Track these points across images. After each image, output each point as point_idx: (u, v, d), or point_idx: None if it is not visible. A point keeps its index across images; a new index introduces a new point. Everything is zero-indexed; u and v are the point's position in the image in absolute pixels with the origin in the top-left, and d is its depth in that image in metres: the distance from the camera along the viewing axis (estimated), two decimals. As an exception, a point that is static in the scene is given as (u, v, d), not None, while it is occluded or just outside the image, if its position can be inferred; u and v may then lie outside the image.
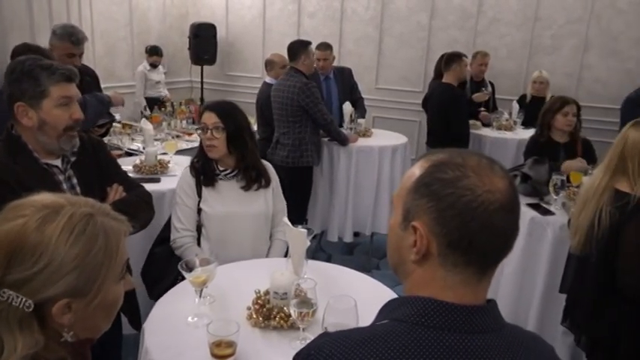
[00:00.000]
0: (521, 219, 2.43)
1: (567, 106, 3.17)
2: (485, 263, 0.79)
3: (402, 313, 0.78)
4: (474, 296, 0.79)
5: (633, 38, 5.06)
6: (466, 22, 5.64)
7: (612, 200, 1.96)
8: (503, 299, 2.85)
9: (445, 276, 0.78)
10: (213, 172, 2.24)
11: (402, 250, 0.82)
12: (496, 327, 0.78)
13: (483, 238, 0.75)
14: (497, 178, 0.77)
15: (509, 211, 0.76)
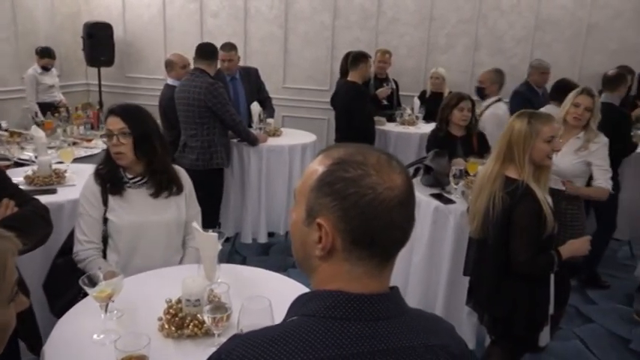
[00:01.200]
0: (426, 208, 2.57)
1: (463, 102, 3.38)
2: (387, 254, 0.82)
3: (311, 307, 0.80)
4: (378, 285, 0.82)
5: (516, 37, 5.52)
6: (367, 22, 5.82)
7: (503, 186, 2.11)
8: (414, 286, 2.99)
9: (350, 269, 0.81)
10: (120, 179, 2.12)
11: (306, 245, 0.83)
12: (399, 312, 0.82)
13: (385, 233, 0.79)
14: (396, 175, 0.80)
15: (406, 206, 0.80)
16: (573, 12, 5.35)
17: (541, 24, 5.44)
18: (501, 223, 2.10)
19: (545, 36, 5.45)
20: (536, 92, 4.85)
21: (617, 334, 3.37)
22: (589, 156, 2.81)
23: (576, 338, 3.30)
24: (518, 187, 2.08)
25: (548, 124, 2.16)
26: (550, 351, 3.09)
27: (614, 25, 5.29)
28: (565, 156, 2.80)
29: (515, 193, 2.07)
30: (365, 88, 4.61)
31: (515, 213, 2.06)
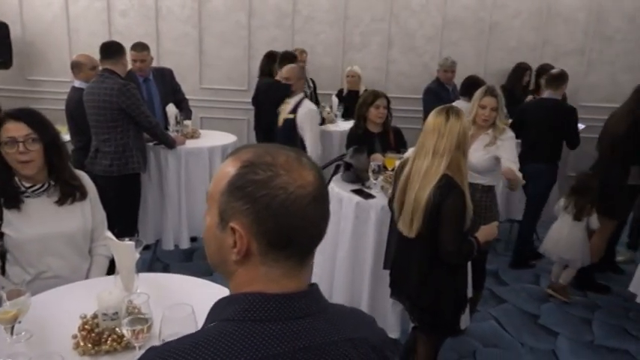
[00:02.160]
0: (348, 204, 2.60)
1: (378, 99, 3.47)
2: (305, 253, 0.83)
3: (229, 312, 0.79)
4: (297, 284, 0.82)
5: (426, 36, 5.77)
6: (283, 21, 5.83)
7: (437, 181, 2.16)
8: (340, 281, 3.04)
9: (268, 272, 0.80)
10: (16, 190, 1.96)
11: (222, 250, 0.82)
12: (319, 309, 0.82)
13: (300, 232, 0.79)
14: (307, 172, 0.80)
15: (320, 202, 0.81)
16: (476, 12, 5.68)
17: (448, 23, 5.72)
18: (430, 216, 2.17)
19: (453, 35, 5.74)
20: (446, 88, 5.11)
21: (528, 312, 3.63)
22: (497, 150, 2.99)
23: (492, 318, 3.52)
24: (447, 182, 2.15)
25: (465, 118, 2.27)
26: (469, 333, 3.27)
27: (513, 25, 5.68)
28: (476, 151, 2.97)
29: (445, 187, 2.14)
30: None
31: (445, 205, 2.13)
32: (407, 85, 5.78)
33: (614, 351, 3.19)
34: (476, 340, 3.25)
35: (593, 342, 3.30)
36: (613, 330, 3.42)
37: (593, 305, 3.71)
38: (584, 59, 5.64)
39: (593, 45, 5.63)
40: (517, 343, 3.25)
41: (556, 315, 3.60)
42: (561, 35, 5.66)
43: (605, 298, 3.80)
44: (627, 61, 5.55)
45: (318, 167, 0.84)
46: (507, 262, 4.35)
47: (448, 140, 2.15)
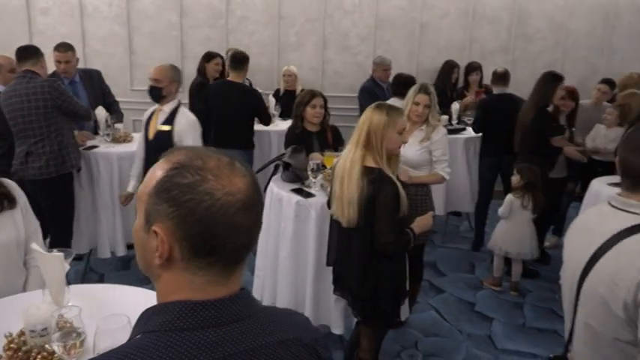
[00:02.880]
0: (288, 204, 2.60)
1: (314, 99, 3.49)
2: (232, 261, 0.80)
3: (155, 322, 0.76)
4: (225, 290, 0.80)
5: (360, 35, 5.86)
6: (217, 21, 5.73)
7: (365, 174, 2.24)
8: (283, 281, 3.03)
9: (192, 279, 0.78)
10: None
11: (147, 253, 0.80)
12: (248, 313, 0.81)
13: (227, 240, 0.77)
14: (238, 178, 0.78)
15: (250, 209, 0.78)
16: (407, 12, 5.84)
17: (380, 23, 5.84)
18: (366, 209, 2.22)
19: (385, 34, 5.87)
20: (381, 87, 5.22)
21: (465, 300, 3.78)
22: (431, 146, 3.09)
23: (431, 309, 3.63)
24: (377, 175, 2.22)
25: (402, 117, 2.36)
26: (410, 324, 3.37)
27: (442, 25, 5.89)
28: (411, 146, 3.06)
29: (376, 180, 2.21)
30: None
31: (379, 198, 2.20)
32: (342, 84, 5.85)
33: (543, 331, 3.38)
34: (417, 331, 3.34)
35: (525, 324, 3.49)
36: (542, 312, 3.63)
37: (524, 290, 3.92)
38: (508, 57, 5.93)
39: (516, 44, 5.94)
40: (456, 331, 3.37)
41: (490, 301, 3.77)
42: (487, 35, 5.93)
43: (535, 283, 4.03)
44: (547, 58, 5.90)
45: (252, 174, 0.82)
46: (445, 254, 4.51)
47: (376, 134, 2.24)
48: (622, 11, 5.92)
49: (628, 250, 1.24)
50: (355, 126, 2.41)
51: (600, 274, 1.28)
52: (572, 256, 1.44)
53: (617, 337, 1.26)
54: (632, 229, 1.26)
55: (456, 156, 4.45)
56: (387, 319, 2.48)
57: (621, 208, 1.33)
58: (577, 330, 1.40)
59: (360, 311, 2.46)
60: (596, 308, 1.30)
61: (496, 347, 3.22)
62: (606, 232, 1.30)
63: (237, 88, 4.39)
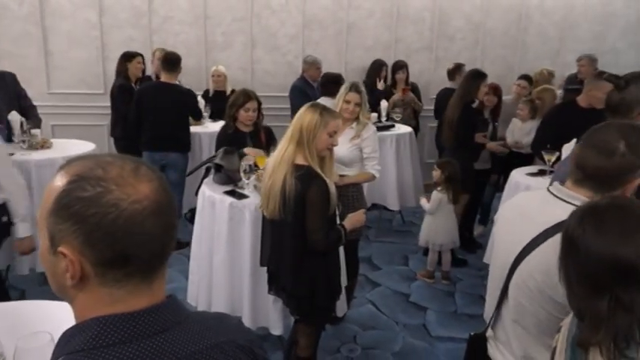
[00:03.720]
0: (221, 206, 2.55)
1: (248, 102, 3.46)
2: (149, 269, 0.77)
3: (78, 342, 0.72)
4: (149, 300, 0.77)
5: (288, 35, 5.87)
6: (139, 20, 5.53)
7: (294, 171, 2.25)
8: (219, 285, 2.97)
9: (110, 293, 0.74)
10: None
11: (57, 276, 0.75)
12: (177, 321, 0.79)
13: (140, 248, 0.73)
14: (144, 184, 0.74)
15: (160, 214, 0.75)
16: (334, 12, 5.92)
17: (308, 23, 5.88)
18: (296, 206, 2.23)
19: (313, 34, 5.92)
20: (312, 86, 5.26)
21: (400, 292, 3.89)
22: (361, 143, 3.15)
23: (369, 302, 3.71)
24: (306, 172, 2.24)
25: (335, 119, 2.37)
26: (348, 319, 3.42)
27: (368, 24, 6.02)
28: (342, 145, 3.10)
29: (305, 177, 2.22)
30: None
31: (309, 195, 2.22)
32: (273, 83, 5.84)
33: (474, 316, 3.54)
34: (355, 325, 3.40)
35: (457, 311, 3.65)
36: (472, 298, 3.81)
37: (455, 278, 4.09)
38: (432, 56, 6.17)
39: (438, 43, 6.19)
40: (392, 322, 3.47)
41: (424, 292, 3.90)
42: (411, 34, 6.13)
43: (464, 271, 4.22)
44: (467, 56, 6.18)
45: (159, 177, 0.78)
46: (380, 248, 4.62)
47: (307, 132, 2.27)
48: (532, 12, 6.33)
49: None
50: (287, 125, 2.42)
51: (537, 261, 1.33)
52: (505, 238, 1.49)
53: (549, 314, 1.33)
54: None
55: (385, 153, 4.56)
56: (323, 316, 2.50)
57: (563, 199, 1.37)
58: (507, 307, 1.47)
59: (297, 309, 2.46)
60: (530, 292, 1.35)
61: (431, 335, 3.34)
62: (546, 220, 1.34)
63: (172, 89, 4.30)
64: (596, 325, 0.99)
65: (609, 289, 0.99)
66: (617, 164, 1.30)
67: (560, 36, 6.45)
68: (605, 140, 1.32)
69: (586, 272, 1.03)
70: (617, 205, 1.06)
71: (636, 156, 1.29)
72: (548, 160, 3.47)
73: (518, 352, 1.45)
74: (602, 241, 1.01)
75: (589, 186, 1.35)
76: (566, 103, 3.94)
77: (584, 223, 1.05)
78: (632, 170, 1.31)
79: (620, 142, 1.29)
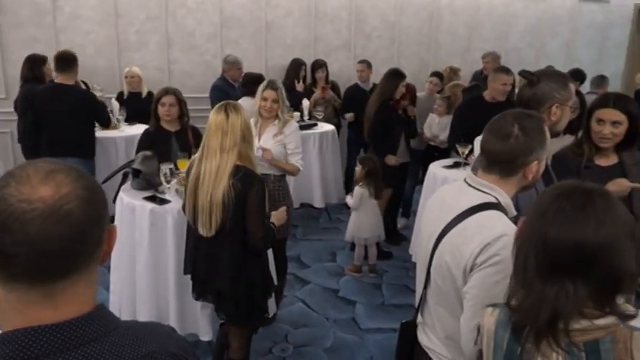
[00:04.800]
0: (142, 213, 2.45)
1: (165, 96, 3.33)
2: (43, 275, 0.73)
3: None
4: (52, 314, 0.73)
5: (205, 34, 5.74)
6: (43, 19, 5.16)
7: (232, 174, 2.20)
8: (143, 294, 2.86)
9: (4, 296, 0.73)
10: None
11: None
12: (106, 331, 0.77)
13: (21, 249, 0.70)
14: (47, 188, 0.72)
15: (56, 222, 0.72)
16: (252, 11, 5.86)
17: (226, 21, 5.79)
18: (235, 209, 2.20)
19: (232, 33, 5.83)
20: (233, 86, 5.18)
21: (329, 288, 3.94)
22: (284, 139, 3.15)
23: (299, 301, 3.72)
24: (245, 173, 2.21)
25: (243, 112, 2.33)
26: (279, 319, 3.41)
27: (287, 23, 6.03)
28: (266, 142, 3.10)
29: (245, 178, 2.20)
30: None
31: (250, 195, 2.20)
32: (192, 84, 5.68)
33: (400, 307, 3.67)
34: (286, 325, 3.40)
35: (384, 303, 3.75)
36: (398, 289, 3.94)
37: (381, 271, 4.21)
38: (350, 54, 6.29)
39: (356, 41, 6.32)
40: (323, 319, 3.50)
41: (352, 286, 3.98)
42: (329, 33, 6.21)
43: (390, 263, 4.35)
44: (384, 54, 6.38)
45: (79, 187, 0.75)
46: (307, 246, 4.65)
47: (232, 136, 2.21)
48: (443, 11, 6.64)
49: (474, 224, 1.38)
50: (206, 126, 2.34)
51: (449, 243, 1.42)
52: (427, 226, 1.57)
53: (458, 294, 1.42)
54: (480, 206, 1.40)
55: (308, 151, 4.60)
56: (260, 315, 2.50)
57: (474, 187, 1.47)
58: (430, 290, 1.54)
59: (233, 312, 2.42)
60: (443, 273, 1.44)
61: (360, 328, 3.41)
62: (459, 207, 1.43)
63: (69, 91, 4.01)
64: (539, 309, 1.00)
65: (566, 275, 1.00)
66: (512, 147, 1.40)
67: (469, 34, 6.82)
68: (501, 125, 1.43)
69: (548, 255, 1.02)
70: (603, 191, 1.06)
71: (529, 138, 1.40)
72: (462, 152, 3.66)
73: (441, 334, 1.52)
74: (571, 227, 1.00)
75: (495, 171, 1.45)
76: (473, 98, 4.18)
77: (553, 206, 1.04)
78: (527, 153, 1.41)
79: (515, 126, 1.40)
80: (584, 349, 0.99)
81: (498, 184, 1.44)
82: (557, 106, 1.81)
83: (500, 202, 1.43)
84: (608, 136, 2.19)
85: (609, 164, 2.25)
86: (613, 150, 2.25)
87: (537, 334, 1.01)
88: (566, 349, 0.99)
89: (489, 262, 1.32)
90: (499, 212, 1.40)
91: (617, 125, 2.17)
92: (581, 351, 0.99)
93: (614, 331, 0.98)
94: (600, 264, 0.98)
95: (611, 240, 0.98)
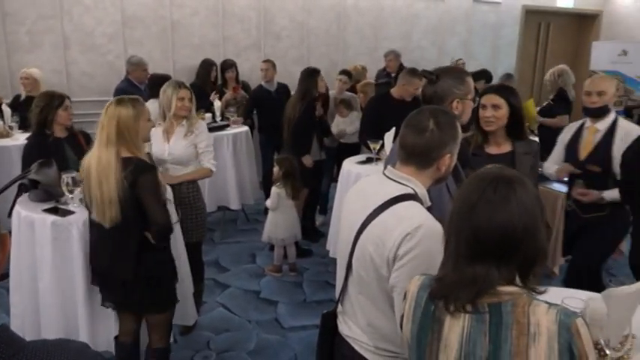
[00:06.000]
0: (42, 227, 2.30)
1: (66, 100, 3.13)
2: None
3: None
4: None
5: (106, 33, 5.45)
6: None
7: (124, 166, 2.18)
8: (48, 314, 2.66)
9: None
10: None
11: None
12: (11, 353, 0.72)
13: None
14: None
15: None
16: (155, 10, 5.65)
17: (128, 21, 5.53)
18: (131, 201, 2.18)
19: (135, 32, 5.58)
20: (139, 88, 4.95)
21: (250, 290, 3.90)
22: (195, 139, 3.07)
23: (219, 306, 3.65)
24: (136, 164, 2.20)
25: (144, 104, 2.37)
26: (199, 326, 3.33)
27: (194, 22, 5.88)
28: (177, 142, 3.01)
29: (136, 168, 2.19)
30: None
31: (141, 182, 2.18)
32: (93, 86, 5.38)
33: (322, 302, 3.71)
34: (207, 331, 3.32)
35: (306, 300, 3.78)
36: (319, 285, 3.99)
37: (302, 269, 4.24)
38: (260, 54, 6.26)
39: (266, 41, 6.30)
40: (245, 322, 3.46)
41: (273, 286, 3.97)
42: (238, 32, 6.14)
43: (309, 260, 4.39)
44: (294, 54, 6.42)
45: None
46: (226, 249, 4.57)
47: (109, 129, 2.22)
48: (349, 12, 6.80)
49: (394, 215, 1.43)
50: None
51: (371, 234, 1.46)
52: (348, 217, 1.61)
53: (380, 282, 1.46)
54: (399, 197, 1.46)
55: (222, 153, 4.52)
56: (172, 299, 2.47)
57: (393, 179, 1.53)
58: (351, 281, 1.58)
59: (140, 300, 2.37)
60: (366, 262, 1.48)
61: (283, 327, 3.42)
62: (379, 198, 1.48)
63: None
64: (463, 288, 1.09)
65: (492, 259, 1.08)
66: (428, 140, 1.48)
67: (375, 34, 7.04)
68: (418, 120, 1.51)
69: (479, 243, 1.09)
70: (520, 178, 1.14)
71: (443, 133, 1.49)
72: (374, 148, 3.77)
73: (363, 322, 1.56)
74: (499, 216, 1.08)
75: (412, 163, 1.52)
76: (381, 95, 4.33)
77: (482, 198, 1.11)
78: (441, 146, 1.49)
79: (430, 120, 1.49)
80: (488, 311, 1.09)
81: (415, 176, 1.51)
82: (457, 100, 1.93)
83: (417, 194, 1.49)
84: (490, 119, 2.37)
85: (501, 152, 2.42)
86: (507, 139, 2.42)
87: (455, 303, 1.10)
88: (472, 310, 1.09)
89: (412, 255, 1.38)
90: (417, 203, 1.47)
91: (497, 109, 2.35)
92: (485, 312, 1.08)
93: (517, 297, 1.09)
94: (523, 246, 1.08)
95: (531, 223, 1.08)
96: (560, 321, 1.04)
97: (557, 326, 1.04)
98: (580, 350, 1.03)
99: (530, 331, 1.05)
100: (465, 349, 1.09)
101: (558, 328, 1.04)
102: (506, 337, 1.06)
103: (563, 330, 1.03)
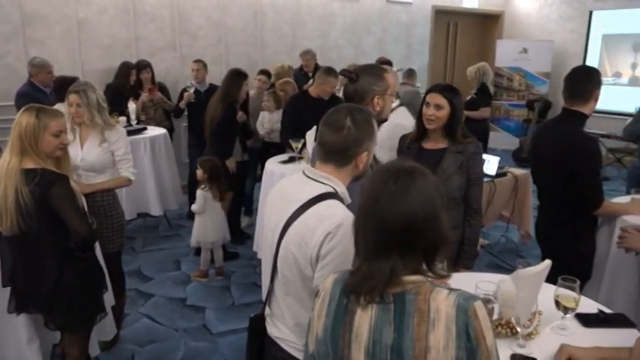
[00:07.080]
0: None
1: None
2: None
3: None
4: None
5: (4, 34, 5.04)
6: None
7: (26, 179, 2.07)
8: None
9: None
10: None
11: None
12: None
13: None
14: None
15: None
16: (59, 8, 5.30)
17: (28, 20, 5.15)
18: (40, 215, 2.08)
19: (37, 33, 5.21)
20: (44, 92, 4.63)
21: (175, 297, 3.78)
22: (111, 147, 2.91)
23: (143, 317, 3.51)
24: (42, 175, 2.09)
25: (56, 119, 2.21)
26: (122, 339, 3.18)
27: (102, 21, 5.58)
28: (91, 150, 2.84)
29: (43, 180, 2.08)
30: None
31: (53, 197, 2.08)
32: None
33: (250, 305, 3.68)
34: (131, 344, 3.18)
35: (234, 304, 3.73)
36: (247, 288, 3.94)
37: (229, 272, 4.17)
38: (177, 53, 6.07)
39: (181, 40, 6.12)
40: (172, 331, 3.35)
41: (200, 292, 3.88)
42: (152, 32, 5.91)
43: (236, 263, 4.33)
44: (212, 53, 6.28)
45: None
46: (148, 258, 4.39)
47: (27, 138, 2.12)
48: (266, 10, 6.77)
49: (315, 214, 1.44)
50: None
51: (294, 234, 1.46)
52: (271, 218, 1.60)
53: (305, 282, 1.47)
54: (320, 196, 1.47)
55: (140, 157, 4.34)
56: (95, 312, 2.37)
57: (313, 178, 1.53)
58: (277, 282, 1.57)
59: (67, 318, 2.25)
60: (290, 263, 1.48)
61: (212, 333, 3.34)
62: (300, 198, 1.48)
63: None
64: (371, 280, 1.11)
65: (396, 250, 1.11)
66: (345, 137, 1.50)
67: (293, 32, 7.06)
68: (335, 118, 1.53)
69: (385, 234, 1.11)
70: (420, 169, 1.17)
71: (360, 130, 1.51)
72: (296, 147, 3.78)
73: (291, 322, 1.56)
74: (402, 207, 1.10)
75: (331, 162, 1.54)
76: (299, 94, 4.35)
77: (385, 190, 1.13)
78: (358, 143, 1.52)
79: (347, 118, 1.51)
80: (393, 300, 1.12)
81: (334, 174, 1.53)
82: (378, 97, 1.98)
83: (337, 192, 1.51)
84: (431, 118, 2.44)
85: (435, 148, 2.50)
86: (444, 136, 2.50)
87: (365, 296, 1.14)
88: (379, 300, 1.13)
89: (334, 254, 1.39)
90: (337, 201, 1.48)
91: (439, 108, 2.42)
92: (390, 302, 1.12)
93: (420, 286, 1.13)
94: (426, 234, 1.12)
95: (432, 211, 1.12)
96: (459, 304, 1.09)
97: (456, 310, 1.08)
98: (476, 331, 1.08)
99: (430, 317, 1.09)
100: (373, 337, 1.12)
101: (456, 312, 1.08)
102: (408, 325, 1.10)
103: (461, 313, 1.08)
